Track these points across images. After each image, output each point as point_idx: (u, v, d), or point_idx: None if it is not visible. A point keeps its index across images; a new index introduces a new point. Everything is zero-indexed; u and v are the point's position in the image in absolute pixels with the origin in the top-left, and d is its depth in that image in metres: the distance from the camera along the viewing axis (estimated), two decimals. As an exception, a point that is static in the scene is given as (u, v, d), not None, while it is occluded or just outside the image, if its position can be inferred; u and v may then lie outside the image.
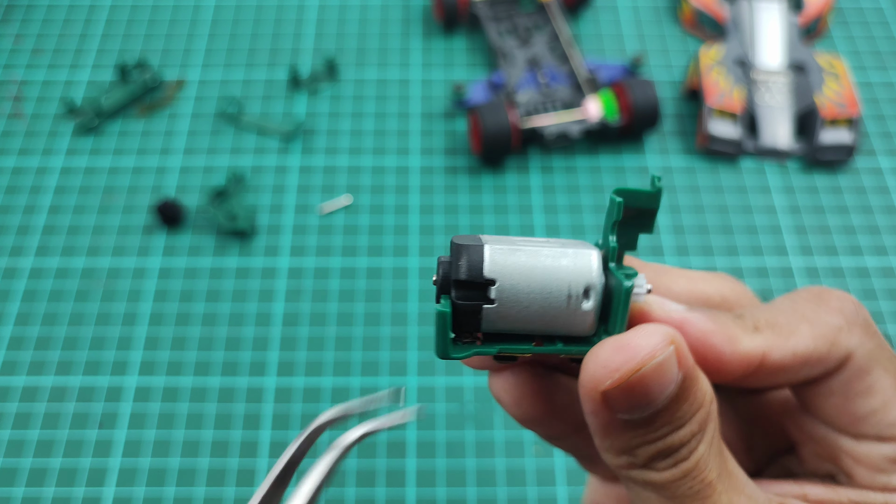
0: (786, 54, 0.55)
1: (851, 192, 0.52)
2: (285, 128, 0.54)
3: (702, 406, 0.18)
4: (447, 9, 0.58)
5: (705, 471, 0.18)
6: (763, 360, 0.20)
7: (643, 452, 0.18)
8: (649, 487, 0.19)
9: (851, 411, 0.21)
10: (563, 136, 0.51)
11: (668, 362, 0.17)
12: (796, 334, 0.21)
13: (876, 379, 0.21)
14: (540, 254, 0.18)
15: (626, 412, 0.18)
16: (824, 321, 0.21)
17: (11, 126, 0.55)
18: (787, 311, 0.21)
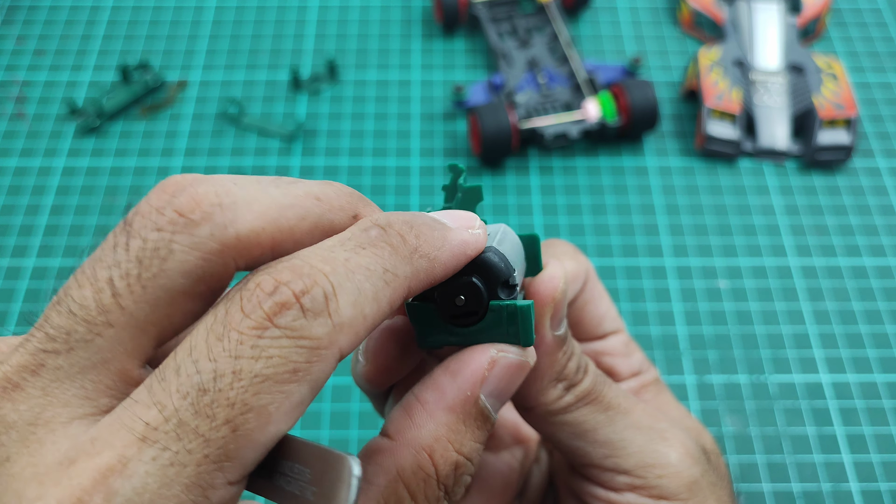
0: (784, 55, 0.55)
1: (849, 192, 0.52)
2: (286, 128, 0.54)
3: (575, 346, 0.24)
4: (447, 10, 0.58)
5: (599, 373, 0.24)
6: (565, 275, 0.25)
7: (570, 368, 0.23)
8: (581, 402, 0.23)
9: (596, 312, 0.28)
10: (563, 136, 0.52)
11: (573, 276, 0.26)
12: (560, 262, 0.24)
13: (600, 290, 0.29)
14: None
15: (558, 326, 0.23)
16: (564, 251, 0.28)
17: (14, 126, 0.55)
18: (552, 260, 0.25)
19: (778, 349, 0.45)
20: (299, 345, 0.15)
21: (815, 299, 0.47)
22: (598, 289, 0.28)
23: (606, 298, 0.29)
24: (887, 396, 0.43)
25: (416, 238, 0.18)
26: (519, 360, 0.20)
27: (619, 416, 0.24)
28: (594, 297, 0.28)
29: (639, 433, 0.24)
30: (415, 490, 0.18)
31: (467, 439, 0.19)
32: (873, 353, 0.45)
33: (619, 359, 0.29)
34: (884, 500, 0.40)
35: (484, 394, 0.19)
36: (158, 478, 0.14)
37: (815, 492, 0.40)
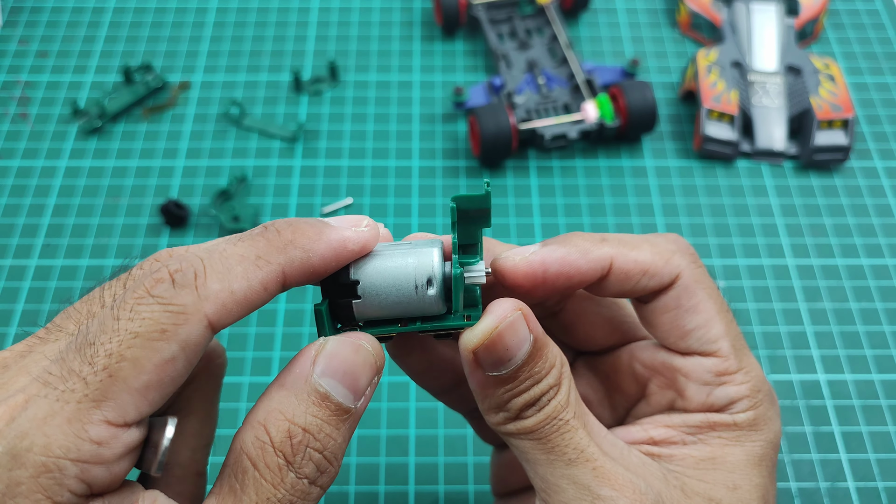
0: (781, 57, 0.56)
1: (846, 192, 0.52)
2: (288, 130, 0.55)
3: (554, 366, 0.23)
4: (447, 12, 0.59)
5: (563, 412, 0.23)
6: (612, 265, 0.25)
7: (514, 405, 0.23)
8: (523, 435, 0.23)
9: (681, 325, 0.26)
10: (561, 137, 0.52)
11: (517, 322, 0.22)
12: (638, 248, 0.26)
13: (701, 300, 0.26)
14: (393, 256, 0.23)
15: (493, 368, 0.22)
16: (662, 244, 0.26)
17: (17, 127, 0.55)
18: (633, 236, 0.26)
19: (775, 348, 0.45)
20: (167, 310, 0.20)
21: (812, 299, 0.47)
22: (693, 297, 0.26)
23: (705, 311, 0.26)
24: (884, 395, 0.43)
25: (293, 233, 0.22)
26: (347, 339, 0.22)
27: (559, 463, 0.23)
28: (685, 305, 0.26)
29: (572, 487, 0.23)
30: (255, 458, 0.21)
31: (300, 412, 0.21)
32: (870, 353, 0.45)
33: (695, 386, 0.26)
34: (881, 498, 0.40)
35: (317, 374, 0.21)
36: (46, 410, 0.19)
37: (812, 490, 0.40)
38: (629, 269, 0.25)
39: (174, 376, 0.20)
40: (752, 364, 0.26)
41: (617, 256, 0.25)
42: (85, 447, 0.19)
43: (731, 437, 0.25)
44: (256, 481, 0.21)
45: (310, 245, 0.22)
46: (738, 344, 0.26)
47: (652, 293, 0.26)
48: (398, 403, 0.43)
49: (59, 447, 0.18)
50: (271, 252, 0.21)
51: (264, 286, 0.21)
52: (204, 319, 0.20)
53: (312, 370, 0.21)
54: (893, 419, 0.43)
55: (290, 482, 0.21)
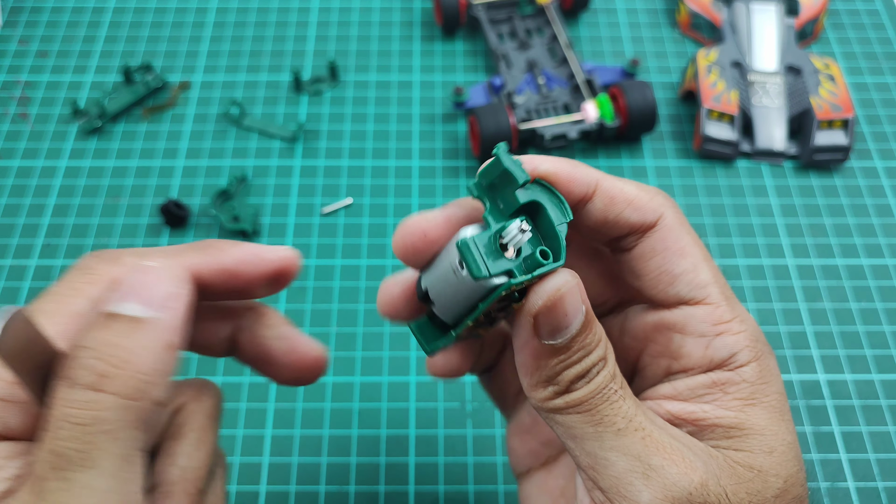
0: (781, 57, 0.56)
1: (846, 192, 0.52)
2: (288, 130, 0.55)
3: (602, 339, 0.23)
4: (447, 12, 0.59)
5: (611, 383, 0.23)
6: (598, 185, 0.25)
7: (565, 377, 0.23)
8: (571, 409, 0.23)
9: (669, 269, 0.25)
10: (561, 137, 0.52)
11: (574, 290, 0.22)
12: (625, 182, 0.25)
13: (686, 244, 0.25)
14: (441, 254, 0.24)
15: (551, 335, 0.22)
16: (647, 187, 0.26)
17: (17, 127, 0.55)
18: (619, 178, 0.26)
19: (775, 348, 0.45)
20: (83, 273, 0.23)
21: (812, 299, 0.47)
22: (678, 240, 0.25)
23: (692, 256, 0.25)
24: (884, 395, 0.43)
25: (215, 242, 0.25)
26: None
27: (608, 435, 0.22)
28: (668, 248, 0.25)
29: (623, 459, 0.22)
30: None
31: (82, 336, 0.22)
32: (870, 353, 0.45)
33: (692, 340, 0.25)
34: (881, 498, 0.40)
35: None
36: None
37: (812, 490, 0.40)
38: (614, 194, 0.25)
39: None
40: (744, 312, 0.25)
41: (603, 180, 0.25)
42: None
43: (746, 395, 0.24)
44: None
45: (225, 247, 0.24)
46: (728, 292, 0.25)
47: (634, 232, 0.25)
48: (398, 404, 0.43)
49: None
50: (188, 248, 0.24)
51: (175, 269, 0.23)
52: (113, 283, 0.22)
53: None
54: (894, 419, 0.43)
55: None
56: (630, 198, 0.25)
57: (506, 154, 0.23)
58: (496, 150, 0.22)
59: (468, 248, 0.22)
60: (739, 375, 0.24)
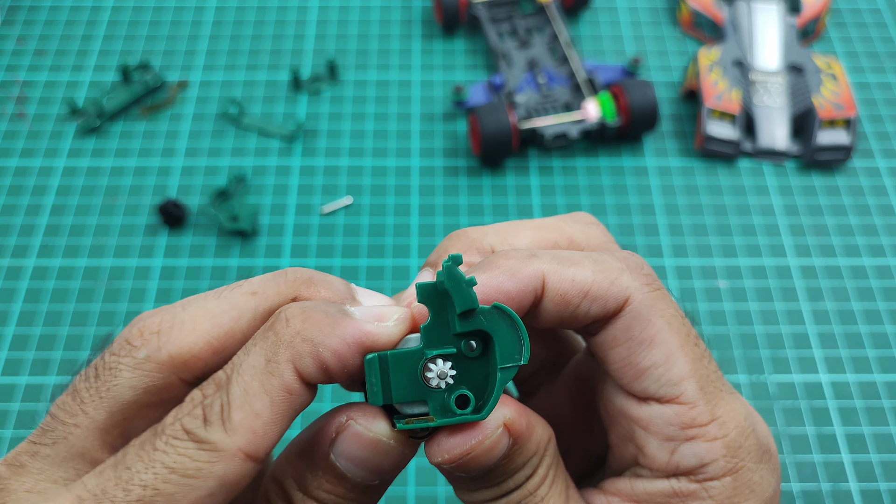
0: (783, 56, 0.55)
1: (848, 192, 0.52)
2: (287, 129, 0.54)
3: (534, 454, 0.21)
4: (447, 11, 0.58)
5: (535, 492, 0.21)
6: (546, 284, 0.21)
7: (480, 497, 0.21)
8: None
9: (634, 362, 0.21)
10: (562, 136, 0.52)
11: (496, 442, 0.20)
12: (578, 266, 0.21)
13: (658, 331, 0.21)
14: None
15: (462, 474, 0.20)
16: (607, 262, 0.21)
17: (15, 126, 0.55)
18: (574, 253, 0.22)
19: (777, 349, 0.45)
20: (201, 448, 0.19)
21: (815, 299, 0.47)
22: (647, 327, 0.21)
23: (663, 345, 0.21)
24: (886, 396, 0.43)
25: (303, 322, 0.19)
26: (363, 434, 0.20)
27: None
28: (633, 338, 0.21)
29: None
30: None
31: (314, 487, 0.20)
32: (872, 353, 0.45)
33: (656, 442, 0.21)
34: (883, 500, 0.40)
35: (335, 454, 0.20)
36: None
37: (814, 491, 0.40)
38: (566, 289, 0.21)
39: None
40: (730, 412, 0.21)
41: (550, 274, 0.21)
42: None
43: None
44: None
45: (320, 339, 0.19)
46: (709, 387, 0.21)
47: (599, 322, 0.22)
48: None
49: None
50: (279, 349, 0.19)
51: (286, 390, 0.19)
52: (238, 453, 0.19)
53: (331, 450, 0.20)
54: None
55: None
56: (585, 288, 0.21)
57: (455, 270, 0.19)
58: (445, 262, 0.19)
59: (370, 367, 0.19)
60: (706, 490, 0.21)
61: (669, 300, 0.22)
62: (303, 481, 0.20)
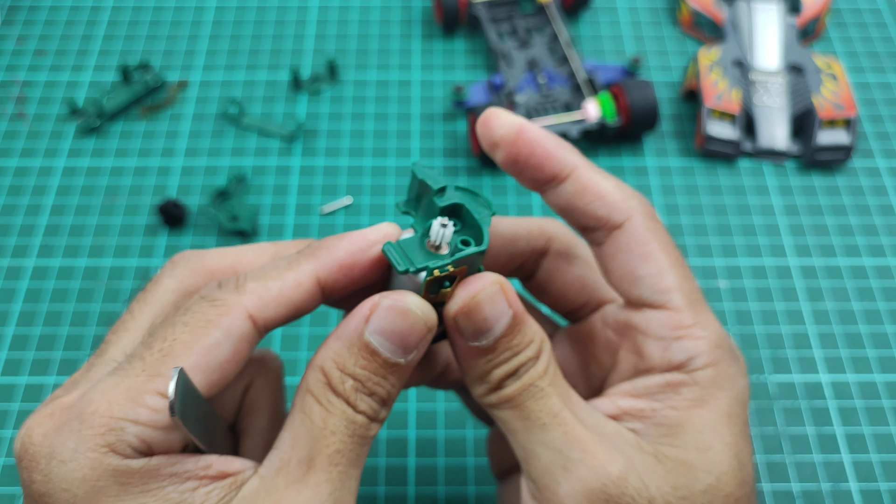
0: (783, 55, 0.55)
1: (848, 192, 0.52)
2: (287, 129, 0.54)
3: (533, 341, 0.24)
4: (447, 11, 0.58)
5: (539, 380, 0.24)
6: (574, 171, 0.26)
7: (494, 376, 0.24)
8: (504, 405, 0.24)
9: (631, 270, 0.26)
10: (562, 136, 0.52)
11: (495, 294, 0.23)
12: (605, 177, 0.26)
13: (652, 249, 0.26)
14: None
15: (474, 338, 0.24)
16: (627, 188, 0.27)
17: (14, 126, 0.55)
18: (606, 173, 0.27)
19: (777, 349, 0.45)
20: (212, 304, 0.24)
21: (815, 299, 0.47)
22: (644, 244, 0.26)
23: (657, 261, 0.26)
24: (886, 396, 0.43)
25: (321, 242, 0.25)
26: (395, 305, 0.23)
27: (534, 429, 0.24)
28: (632, 250, 0.26)
29: (546, 451, 0.24)
30: (318, 395, 0.23)
31: (351, 363, 0.23)
32: (873, 353, 0.45)
33: (652, 342, 0.26)
34: (883, 500, 0.40)
35: (369, 331, 0.23)
36: (110, 384, 0.23)
37: (814, 491, 0.40)
38: (588, 184, 0.26)
39: (221, 361, 0.23)
40: (709, 320, 0.26)
41: (581, 168, 0.26)
42: (142, 413, 0.22)
43: (695, 397, 0.25)
44: (323, 414, 0.23)
45: (333, 244, 0.25)
46: (693, 298, 0.26)
47: (600, 227, 0.26)
48: (398, 405, 0.43)
49: (120, 411, 0.22)
50: (302, 257, 0.25)
51: (297, 283, 0.24)
52: (244, 311, 0.23)
53: (365, 327, 0.23)
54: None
55: (350, 416, 0.23)
56: (602, 192, 0.26)
57: (420, 168, 0.24)
58: (412, 166, 0.24)
59: (389, 250, 0.24)
60: (693, 378, 0.25)
61: (664, 230, 0.27)
62: (340, 359, 0.23)
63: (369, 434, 0.24)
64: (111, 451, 0.22)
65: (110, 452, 0.22)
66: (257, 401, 0.28)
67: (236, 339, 0.23)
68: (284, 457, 0.23)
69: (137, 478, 0.22)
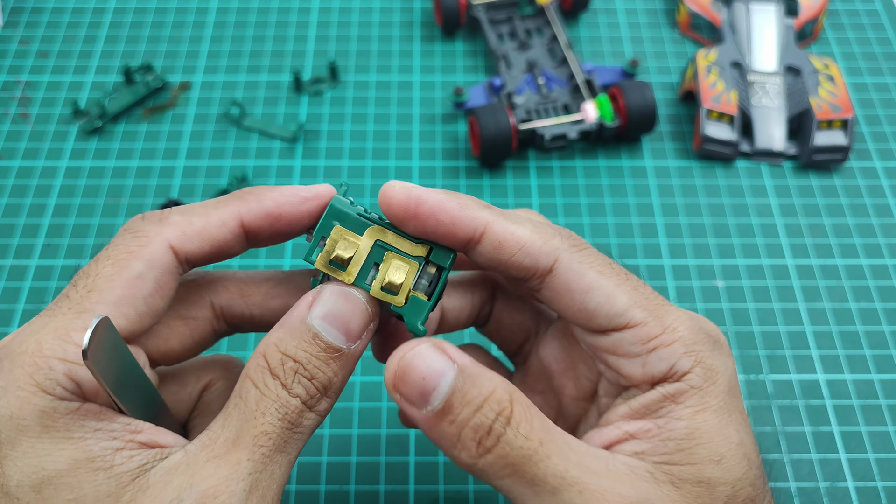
0: (781, 57, 0.56)
1: (845, 192, 0.52)
2: (288, 130, 0.55)
3: (494, 392, 0.23)
4: (447, 13, 0.59)
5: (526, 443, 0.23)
6: (486, 230, 0.25)
7: (465, 436, 0.23)
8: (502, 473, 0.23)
9: (580, 307, 0.25)
10: (561, 137, 0.52)
11: (426, 350, 0.23)
12: (519, 224, 0.25)
13: (591, 279, 0.25)
14: None
15: (422, 403, 0.23)
16: (545, 228, 0.26)
17: (18, 127, 0.55)
18: (519, 214, 0.26)
19: (775, 348, 0.45)
20: (135, 236, 0.25)
21: (812, 299, 0.47)
22: (581, 278, 0.25)
23: (601, 288, 0.25)
24: (883, 395, 0.44)
25: (252, 188, 0.26)
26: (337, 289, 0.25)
27: (545, 495, 0.23)
28: (573, 289, 0.25)
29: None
30: (255, 379, 0.24)
31: (291, 346, 0.24)
32: (869, 352, 0.45)
33: (626, 361, 0.25)
34: (880, 498, 0.40)
35: (312, 315, 0.24)
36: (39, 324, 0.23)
37: (811, 489, 0.40)
38: (504, 238, 0.25)
39: (145, 294, 0.24)
40: (675, 319, 0.25)
41: (493, 223, 0.25)
42: (70, 350, 0.22)
43: (696, 402, 0.25)
44: (257, 397, 0.23)
45: (263, 192, 0.26)
46: (651, 306, 0.25)
47: (533, 276, 0.26)
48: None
49: (49, 350, 0.22)
50: (230, 199, 0.26)
51: (222, 222, 0.25)
52: (165, 242, 0.24)
53: (308, 313, 0.24)
54: (892, 419, 0.43)
55: (284, 399, 0.23)
56: (521, 242, 0.25)
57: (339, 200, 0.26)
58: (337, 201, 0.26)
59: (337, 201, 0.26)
60: (687, 383, 0.25)
61: (596, 253, 0.26)
62: (281, 344, 0.24)
63: (302, 422, 0.24)
64: (40, 390, 0.22)
65: (39, 392, 0.22)
66: (213, 403, 0.28)
67: (158, 271, 0.24)
68: (213, 435, 0.23)
69: (62, 422, 0.22)
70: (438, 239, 0.25)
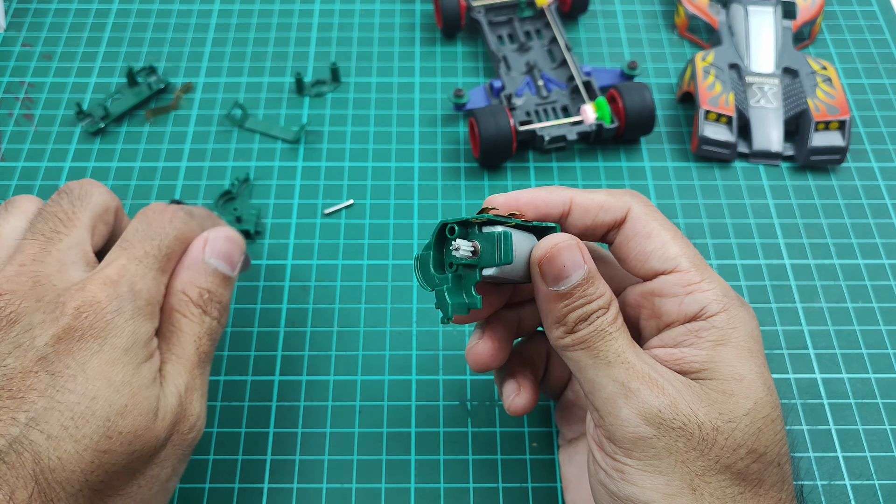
0: (778, 59, 0.56)
1: (842, 193, 0.53)
2: (290, 131, 0.55)
3: (604, 294, 0.29)
4: (447, 15, 0.59)
5: (608, 326, 0.29)
6: (573, 202, 0.32)
7: (570, 318, 0.29)
8: (577, 346, 0.29)
9: (641, 250, 0.31)
10: (560, 139, 0.52)
11: (572, 246, 0.29)
12: (596, 192, 0.32)
13: (653, 228, 0.31)
14: None
15: (554, 282, 0.29)
16: (618, 192, 0.32)
17: (21, 128, 0.56)
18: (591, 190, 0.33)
19: (773, 348, 0.46)
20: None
21: (809, 299, 0.48)
22: (646, 226, 0.31)
23: (660, 237, 0.31)
24: (880, 394, 0.44)
25: (216, 227, 0.38)
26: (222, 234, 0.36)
27: (601, 365, 0.29)
28: (638, 233, 0.31)
29: (611, 383, 0.28)
30: (183, 310, 0.33)
31: (201, 280, 0.34)
32: (866, 352, 0.46)
33: (668, 300, 0.31)
34: (878, 496, 0.40)
35: (207, 256, 0.35)
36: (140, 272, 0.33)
37: (809, 488, 0.41)
38: (587, 205, 0.32)
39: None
40: (714, 277, 0.31)
41: (576, 195, 0.32)
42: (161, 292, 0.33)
43: (715, 338, 0.29)
44: (188, 324, 0.33)
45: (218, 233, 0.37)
46: (697, 261, 0.31)
47: (611, 228, 0.32)
48: (399, 402, 0.44)
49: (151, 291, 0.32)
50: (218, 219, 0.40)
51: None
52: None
53: (203, 255, 0.35)
54: (889, 418, 0.43)
55: (207, 322, 0.34)
56: (600, 203, 0.32)
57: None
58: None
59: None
60: (710, 323, 0.30)
61: (660, 213, 0.32)
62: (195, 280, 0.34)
63: (217, 337, 0.35)
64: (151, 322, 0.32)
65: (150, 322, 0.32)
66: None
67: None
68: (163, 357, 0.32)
69: None
70: (542, 218, 0.32)
